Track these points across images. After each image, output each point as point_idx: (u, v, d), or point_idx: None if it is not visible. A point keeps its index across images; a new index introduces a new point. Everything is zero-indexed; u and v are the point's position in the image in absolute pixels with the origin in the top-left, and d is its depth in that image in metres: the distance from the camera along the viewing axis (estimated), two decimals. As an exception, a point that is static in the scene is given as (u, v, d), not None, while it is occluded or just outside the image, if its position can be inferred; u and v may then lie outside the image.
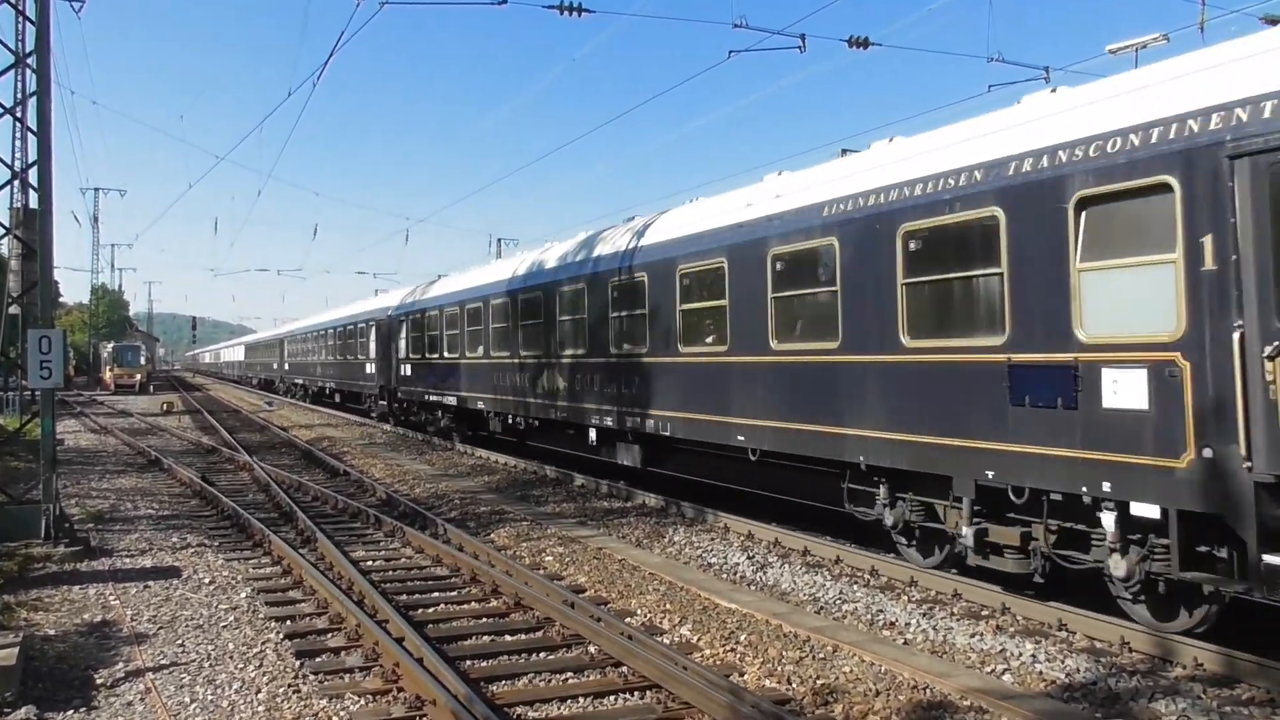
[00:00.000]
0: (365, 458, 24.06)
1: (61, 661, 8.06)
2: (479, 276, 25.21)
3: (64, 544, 12.40)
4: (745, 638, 8.57)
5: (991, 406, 9.02)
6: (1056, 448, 8.36)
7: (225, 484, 18.94)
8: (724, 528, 13.71)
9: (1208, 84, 7.49)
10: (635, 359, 15.82)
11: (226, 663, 8.04)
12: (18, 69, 14.35)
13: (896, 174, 10.38)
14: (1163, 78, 8.07)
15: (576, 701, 7.13)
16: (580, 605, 9.29)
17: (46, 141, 13.22)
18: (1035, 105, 9.41)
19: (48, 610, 9.76)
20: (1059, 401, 8.32)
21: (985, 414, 9.10)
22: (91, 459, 24.28)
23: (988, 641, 8.41)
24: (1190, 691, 7.11)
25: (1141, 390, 7.64)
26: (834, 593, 10.21)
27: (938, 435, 9.68)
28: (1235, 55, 7.50)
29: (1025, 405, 8.67)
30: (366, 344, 36.18)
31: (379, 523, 14.22)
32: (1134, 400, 7.70)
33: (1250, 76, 7.20)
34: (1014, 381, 8.75)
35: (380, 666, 7.75)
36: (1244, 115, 7.07)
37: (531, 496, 17.24)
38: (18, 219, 25.61)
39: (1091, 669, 7.65)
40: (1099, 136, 8.13)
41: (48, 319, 13.37)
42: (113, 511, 15.90)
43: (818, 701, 6.99)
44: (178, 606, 9.88)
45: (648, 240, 15.81)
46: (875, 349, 10.53)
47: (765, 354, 12.38)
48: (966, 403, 9.33)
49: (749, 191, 13.79)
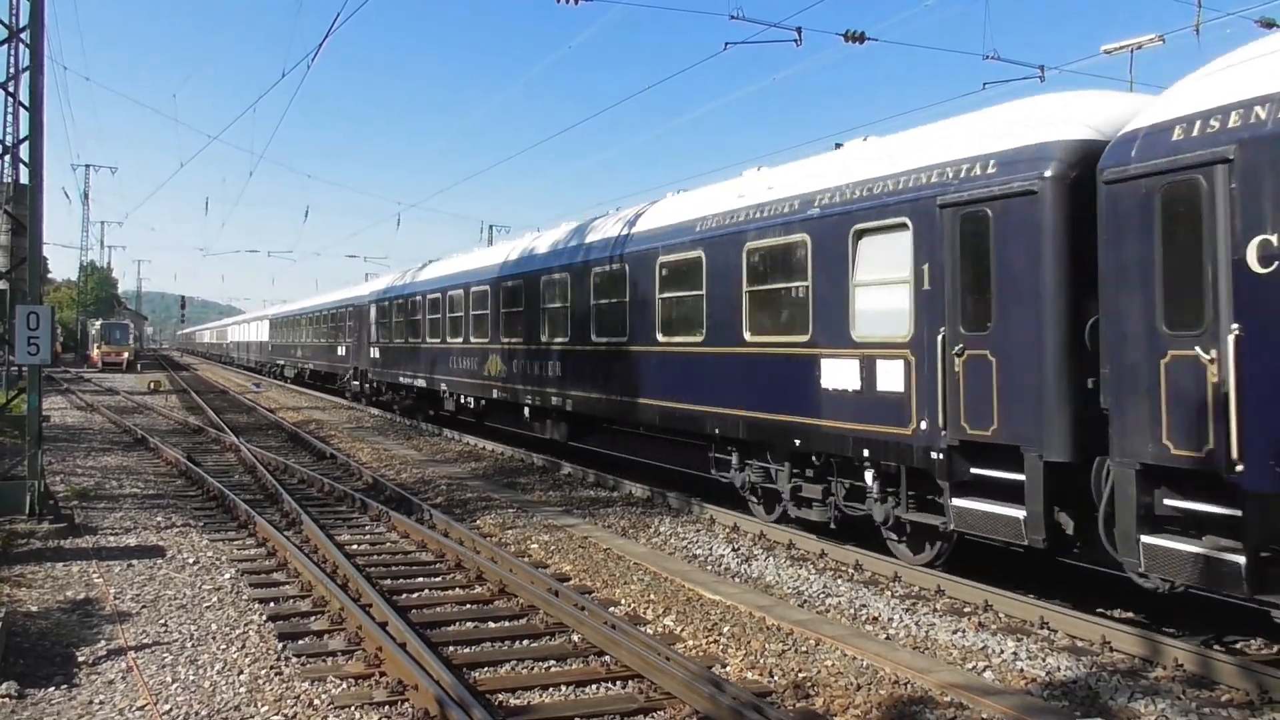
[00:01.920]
0: (352, 441, 24.03)
1: (44, 638, 8.04)
2: (436, 270, 28.02)
3: (48, 521, 12.36)
4: (729, 630, 8.60)
5: (801, 390, 11.56)
6: (842, 421, 10.95)
7: (211, 464, 18.90)
8: (710, 519, 13.74)
9: (934, 147, 10.16)
10: (556, 348, 18.39)
11: (209, 643, 8.03)
12: (11, 43, 14.21)
13: (748, 200, 12.95)
14: (921, 138, 10.71)
15: (559, 690, 7.15)
16: (564, 594, 9.30)
17: (38, 117, 13.15)
18: (848, 151, 12.10)
19: (30, 587, 9.73)
20: (841, 387, 10.89)
21: (798, 395, 11.67)
22: (77, 436, 24.19)
23: (969, 638, 8.45)
24: (1170, 692, 7.16)
25: (897, 377, 10.16)
26: (818, 587, 10.25)
27: (766, 412, 12.30)
28: (955, 128, 10.33)
29: (825, 389, 11.15)
30: (342, 329, 38.54)
31: (365, 507, 14.21)
32: (892, 385, 10.22)
33: (952, 145, 9.90)
34: (816, 371, 11.30)
35: (363, 650, 7.75)
36: (950, 175, 9.64)
37: (518, 484, 17.24)
38: (8, 194, 25.45)
39: (1072, 667, 7.69)
40: (870, 181, 10.69)
41: (36, 295, 13.30)
42: (98, 489, 15.86)
43: (799, 695, 7.01)
44: (161, 586, 9.86)
45: (542, 248, 19.88)
46: (728, 343, 13.05)
47: (655, 345, 15.00)
48: (788, 386, 11.87)
49: (626, 213, 17.10)
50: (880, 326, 10.44)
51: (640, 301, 15.36)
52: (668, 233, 14.78)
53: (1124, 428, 7.92)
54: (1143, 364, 7.79)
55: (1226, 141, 7.26)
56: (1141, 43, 10.21)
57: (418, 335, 27.74)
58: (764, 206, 12.45)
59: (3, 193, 26.05)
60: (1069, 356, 8.56)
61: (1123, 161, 7.98)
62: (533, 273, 19.67)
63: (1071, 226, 8.56)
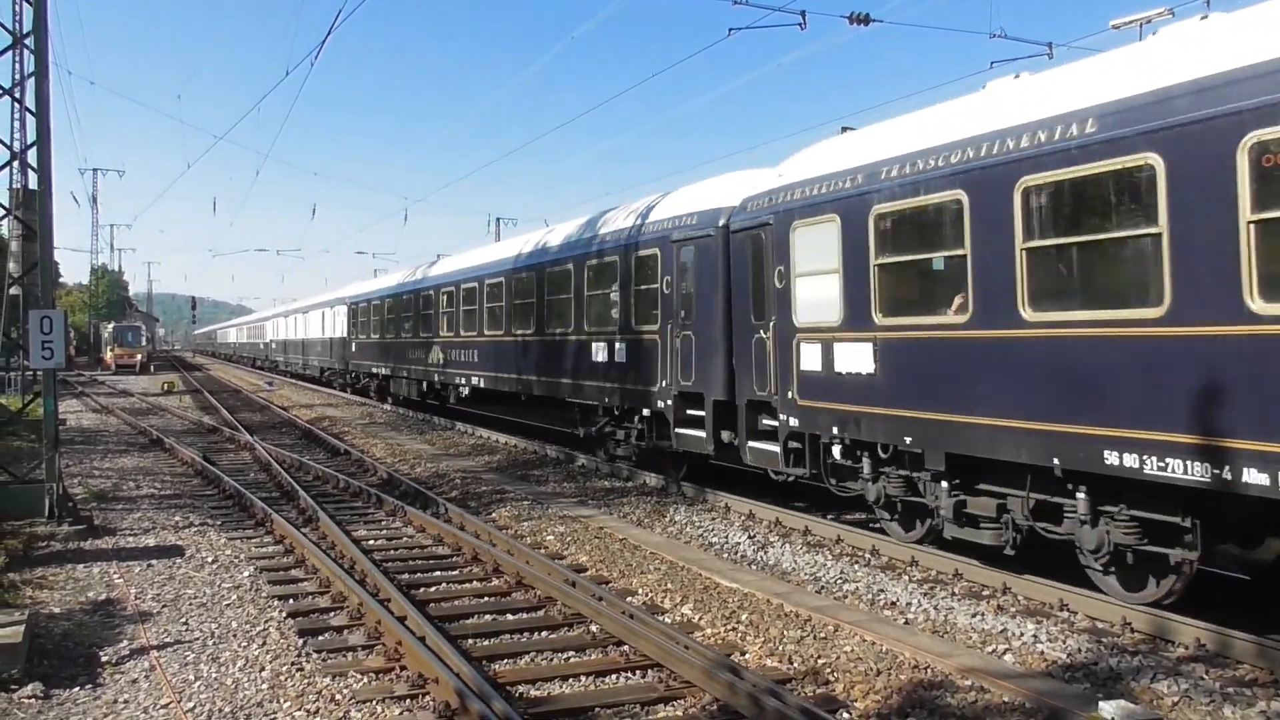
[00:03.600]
0: (366, 437, 24.10)
1: (66, 639, 8.10)
2: (387, 280, 35.13)
3: (68, 523, 12.44)
4: (746, 617, 8.60)
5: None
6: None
7: (227, 463, 18.98)
8: (725, 507, 13.74)
9: (672, 205, 15.70)
10: (470, 341, 24.79)
11: (230, 641, 8.07)
12: (16, 49, 14.24)
13: (671, 208, 15.73)
14: (669, 201, 16.03)
15: (578, 680, 7.17)
16: (581, 585, 9.31)
17: (45, 122, 13.18)
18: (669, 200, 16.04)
19: (52, 588, 9.80)
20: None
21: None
22: (93, 438, 24.32)
23: (989, 621, 8.44)
24: (1192, 672, 7.13)
25: (654, 349, 15.43)
26: (835, 572, 10.24)
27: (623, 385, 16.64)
28: (686, 195, 15.61)
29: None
30: (331, 326, 42.54)
31: (380, 502, 14.25)
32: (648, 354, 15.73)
33: (683, 204, 15.31)
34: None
35: (383, 645, 7.78)
36: (678, 222, 15.02)
37: (532, 476, 17.28)
38: (17, 200, 25.54)
39: (1093, 649, 7.67)
40: (630, 226, 16.67)
41: (49, 299, 13.36)
42: (115, 491, 15.94)
43: (818, 681, 7.02)
44: (181, 585, 9.92)
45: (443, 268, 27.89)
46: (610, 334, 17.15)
47: (539, 335, 20.07)
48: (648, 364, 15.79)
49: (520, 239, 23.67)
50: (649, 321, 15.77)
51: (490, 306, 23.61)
52: (549, 253, 20.15)
53: (741, 379, 13.20)
54: (746, 341, 13.02)
55: (768, 214, 12.40)
56: (1150, 17, 10.09)
57: (379, 333, 34.27)
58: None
59: (12, 199, 26.20)
60: (725, 337, 13.63)
61: (736, 220, 13.43)
62: (423, 289, 28.32)
63: (726, 258, 13.71)
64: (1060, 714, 6.31)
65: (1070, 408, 8.14)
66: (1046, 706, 6.42)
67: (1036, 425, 8.45)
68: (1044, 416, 8.38)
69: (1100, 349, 7.92)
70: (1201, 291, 7.18)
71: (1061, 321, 8.28)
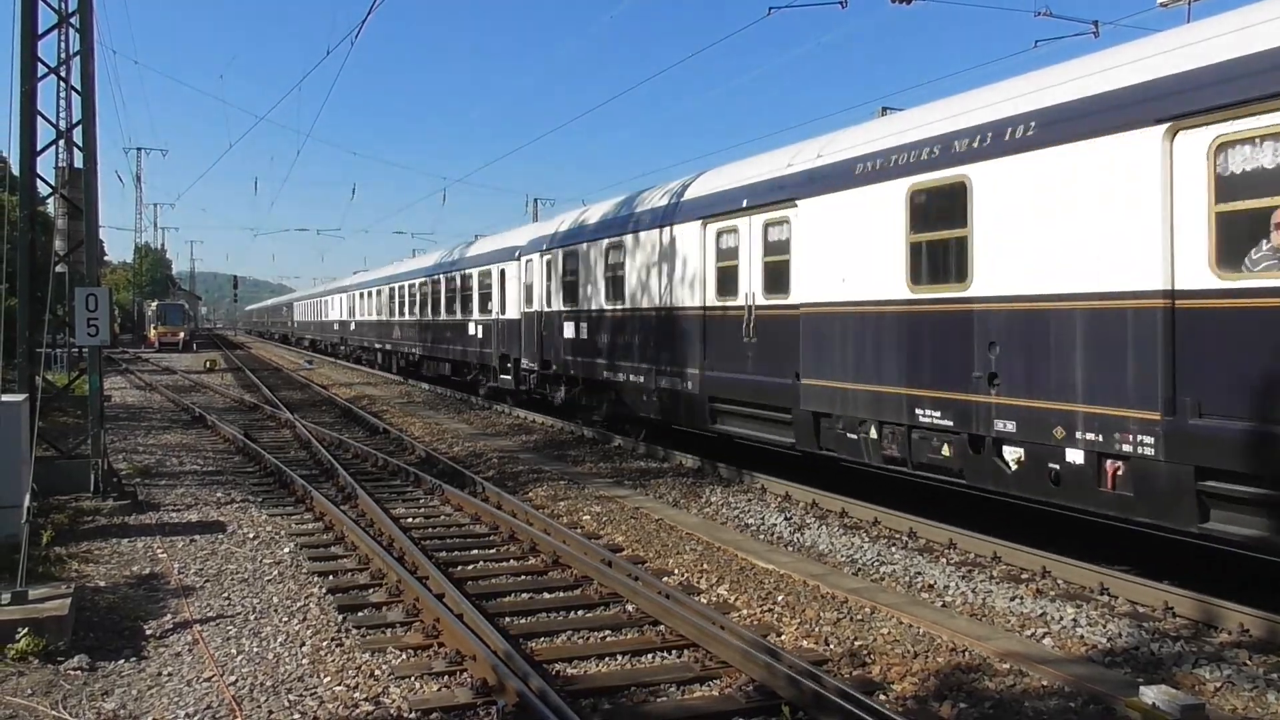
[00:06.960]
0: (404, 416, 24.30)
1: (112, 612, 8.25)
2: (380, 271, 47.98)
3: (112, 498, 12.66)
4: (782, 598, 8.59)
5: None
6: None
7: (268, 441, 19.22)
8: (761, 488, 13.71)
9: (515, 236, 25.99)
10: (429, 322, 33.60)
11: (271, 616, 8.18)
12: (61, 28, 14.39)
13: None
14: (517, 231, 26.86)
15: (615, 659, 7.19)
16: (618, 564, 9.34)
17: (90, 101, 13.32)
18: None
19: (98, 562, 9.98)
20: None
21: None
22: (138, 415, 24.72)
23: (1028, 605, 8.36)
24: (1235, 658, 7.03)
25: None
26: (872, 554, 10.19)
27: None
28: (523, 231, 25.96)
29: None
30: (339, 308, 55.34)
31: (419, 480, 14.37)
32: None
33: (524, 234, 25.24)
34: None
35: (421, 622, 7.85)
36: (521, 244, 24.20)
37: (568, 456, 17.33)
38: (63, 178, 25.92)
39: (1134, 633, 7.58)
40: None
41: (94, 277, 13.55)
42: (159, 467, 16.20)
43: (855, 663, 6.99)
44: (223, 560, 10.06)
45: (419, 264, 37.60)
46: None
47: (441, 317, 28.40)
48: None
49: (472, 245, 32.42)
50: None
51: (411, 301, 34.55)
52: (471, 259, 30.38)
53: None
54: (550, 328, 20.34)
55: (548, 247, 21.31)
56: (1198, -5, 9.87)
57: (372, 314, 47.40)
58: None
59: (58, 177, 26.57)
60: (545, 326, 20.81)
61: (546, 246, 21.36)
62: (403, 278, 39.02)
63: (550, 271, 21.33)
64: (1101, 699, 6.24)
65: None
66: (1087, 691, 6.36)
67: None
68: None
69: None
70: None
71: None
